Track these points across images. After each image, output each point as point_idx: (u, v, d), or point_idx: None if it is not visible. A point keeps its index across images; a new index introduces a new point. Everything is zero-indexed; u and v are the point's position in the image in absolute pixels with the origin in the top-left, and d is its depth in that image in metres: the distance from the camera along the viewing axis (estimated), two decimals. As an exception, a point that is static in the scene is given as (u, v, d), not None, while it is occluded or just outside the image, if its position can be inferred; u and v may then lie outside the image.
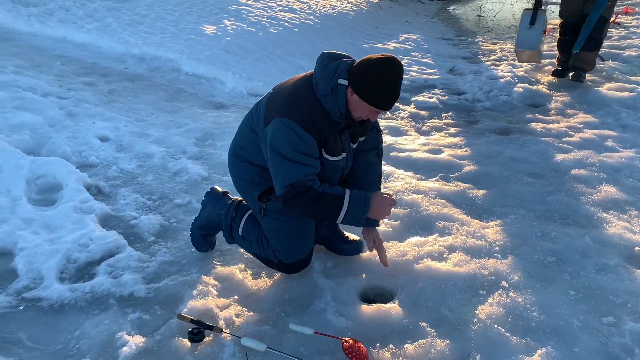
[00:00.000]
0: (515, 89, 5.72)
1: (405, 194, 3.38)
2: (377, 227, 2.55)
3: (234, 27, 7.19)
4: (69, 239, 2.80)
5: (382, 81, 2.06)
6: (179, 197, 3.36)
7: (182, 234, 2.97)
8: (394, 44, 7.89)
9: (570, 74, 5.91)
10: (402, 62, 6.85)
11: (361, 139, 2.45)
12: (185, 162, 3.81)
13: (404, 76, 6.27)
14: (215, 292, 2.47)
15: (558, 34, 5.94)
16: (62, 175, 3.42)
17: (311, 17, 8.44)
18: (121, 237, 2.86)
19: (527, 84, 5.82)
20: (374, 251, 2.55)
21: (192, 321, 2.22)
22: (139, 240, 2.90)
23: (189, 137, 4.29)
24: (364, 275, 2.58)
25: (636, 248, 2.80)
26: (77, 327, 2.25)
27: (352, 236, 2.78)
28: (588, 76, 5.96)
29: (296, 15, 8.31)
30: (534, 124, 4.75)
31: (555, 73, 6.06)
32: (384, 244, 2.60)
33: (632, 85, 5.64)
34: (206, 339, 2.17)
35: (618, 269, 2.64)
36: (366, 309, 2.36)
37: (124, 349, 2.12)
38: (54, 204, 3.18)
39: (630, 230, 2.98)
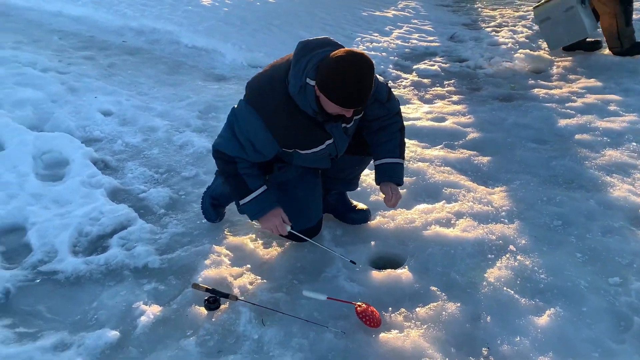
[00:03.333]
0: (517, 55, 5.68)
1: (411, 162, 3.40)
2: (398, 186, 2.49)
3: (231, -3, 7.09)
4: (80, 213, 2.83)
5: (343, 79, 1.96)
6: (185, 170, 3.38)
7: (191, 206, 3.00)
8: (393, 12, 7.79)
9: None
10: (403, 30, 6.83)
11: (357, 117, 2.35)
12: (190, 135, 3.81)
13: (406, 44, 6.27)
14: (228, 262, 2.51)
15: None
16: (68, 151, 3.43)
17: (309, -15, 8.31)
18: (132, 210, 2.88)
19: (528, 50, 5.77)
20: (382, 218, 2.55)
21: (207, 290, 2.26)
22: (149, 213, 2.93)
23: (192, 110, 4.27)
24: (373, 243, 2.62)
25: (641, 210, 2.83)
26: (95, 299, 2.30)
27: (360, 205, 2.81)
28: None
29: (294, -16, 8.17)
30: (536, 90, 4.74)
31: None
32: (393, 211, 2.62)
33: (635, 48, 5.59)
34: (222, 306, 2.22)
35: (623, 230, 2.68)
36: (377, 274, 2.40)
37: (142, 318, 2.17)
38: (62, 179, 3.19)
39: (634, 192, 3.01)
